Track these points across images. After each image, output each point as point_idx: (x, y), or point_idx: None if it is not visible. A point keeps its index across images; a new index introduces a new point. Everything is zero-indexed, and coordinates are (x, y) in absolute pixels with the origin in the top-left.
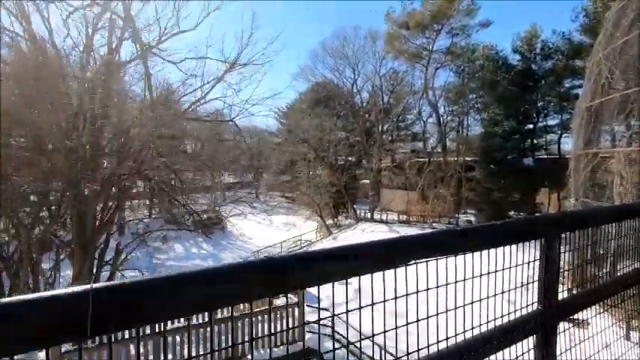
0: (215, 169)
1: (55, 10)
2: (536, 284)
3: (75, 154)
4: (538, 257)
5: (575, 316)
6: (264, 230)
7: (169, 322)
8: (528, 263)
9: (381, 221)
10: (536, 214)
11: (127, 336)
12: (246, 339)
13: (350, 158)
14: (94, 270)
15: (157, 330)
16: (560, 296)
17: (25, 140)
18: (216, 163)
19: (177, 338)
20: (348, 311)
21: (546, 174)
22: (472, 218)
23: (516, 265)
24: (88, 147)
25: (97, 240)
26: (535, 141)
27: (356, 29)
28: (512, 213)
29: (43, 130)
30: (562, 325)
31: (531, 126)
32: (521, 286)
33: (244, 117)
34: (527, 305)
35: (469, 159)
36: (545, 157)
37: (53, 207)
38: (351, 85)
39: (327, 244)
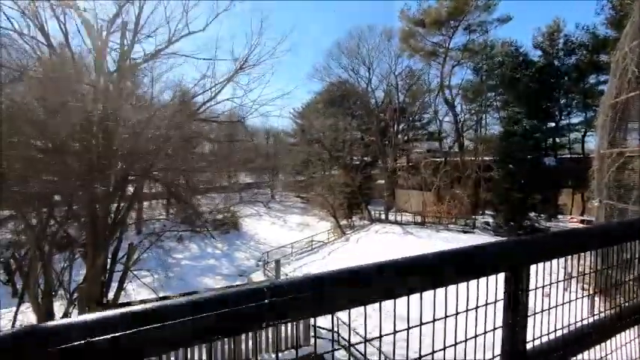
0: (230, 170)
1: (70, 13)
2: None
3: (88, 155)
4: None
5: None
6: (278, 230)
7: None
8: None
9: (396, 222)
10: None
11: None
12: (250, 343)
13: (365, 158)
14: (108, 268)
15: None
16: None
17: (40, 142)
18: (232, 163)
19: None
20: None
21: (569, 174)
22: (490, 220)
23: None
24: (100, 149)
25: (110, 239)
26: (557, 140)
27: (371, 28)
28: (532, 214)
29: (58, 132)
30: None
31: (553, 124)
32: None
33: (254, 117)
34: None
35: (487, 159)
36: (569, 156)
37: (66, 207)
38: (366, 85)
39: (339, 245)
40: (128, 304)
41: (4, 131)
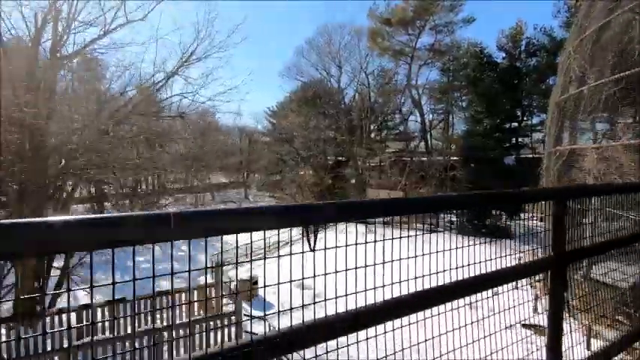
0: (202, 170)
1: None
2: None
3: (16, 155)
4: None
5: None
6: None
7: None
8: None
9: (362, 221)
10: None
11: None
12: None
13: (340, 158)
14: (45, 272)
15: None
16: None
17: None
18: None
19: None
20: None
21: (528, 173)
22: (454, 218)
23: None
24: (28, 147)
25: None
26: (520, 140)
27: (341, 27)
28: (494, 213)
29: None
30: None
31: (516, 124)
32: None
33: (223, 114)
34: None
35: (454, 158)
36: (531, 156)
37: None
38: (337, 84)
39: (298, 245)
40: (60, 311)
41: None
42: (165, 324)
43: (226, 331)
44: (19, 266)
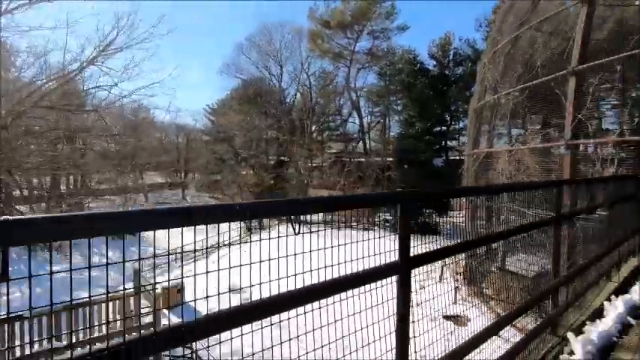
0: (135, 169)
1: None
2: None
3: None
4: None
5: None
6: (185, 233)
7: None
8: None
9: (301, 221)
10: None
11: None
12: None
13: (282, 158)
14: None
15: None
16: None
17: None
18: (135, 161)
19: None
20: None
21: (454, 175)
22: (389, 217)
23: None
24: None
25: None
26: (449, 142)
27: (282, 25)
28: (426, 211)
29: None
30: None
31: (445, 128)
32: None
33: (113, 105)
34: None
35: (390, 159)
36: (458, 158)
37: None
38: (279, 83)
39: (234, 248)
40: None
41: None
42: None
43: None
44: None
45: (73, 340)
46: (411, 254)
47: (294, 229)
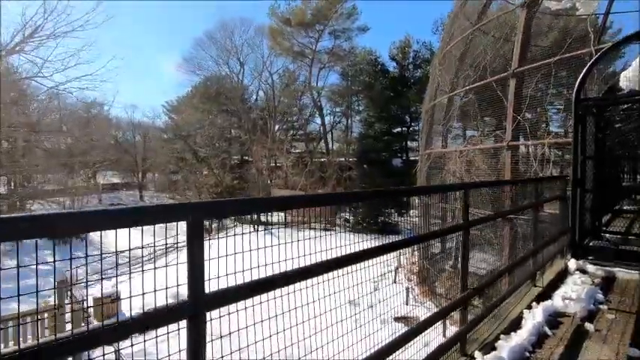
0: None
1: None
2: None
3: None
4: None
5: None
6: (137, 235)
7: None
8: None
9: (262, 222)
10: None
11: None
12: None
13: (245, 157)
14: None
15: None
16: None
17: None
18: (87, 160)
19: None
20: None
21: (412, 175)
22: (349, 217)
23: None
24: None
25: None
26: (409, 143)
27: (243, 22)
28: (385, 211)
29: None
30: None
31: (405, 129)
32: None
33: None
34: None
35: (351, 159)
36: (416, 158)
37: None
38: (240, 81)
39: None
40: None
41: None
42: None
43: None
44: None
45: None
46: None
47: (257, 230)
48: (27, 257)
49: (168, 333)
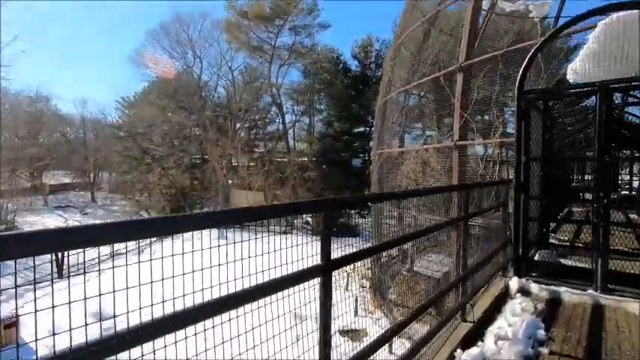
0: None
1: None
2: None
3: None
4: None
5: None
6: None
7: None
8: None
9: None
10: None
11: None
12: None
13: (205, 156)
14: None
15: None
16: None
17: None
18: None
19: None
20: None
21: (367, 175)
22: (309, 219)
23: None
24: None
25: None
26: (371, 143)
27: (202, 16)
28: (344, 212)
29: None
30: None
31: (367, 129)
32: None
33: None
34: None
35: (311, 159)
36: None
37: None
38: (198, 76)
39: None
40: None
41: None
42: None
43: None
44: None
45: None
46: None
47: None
48: None
49: None
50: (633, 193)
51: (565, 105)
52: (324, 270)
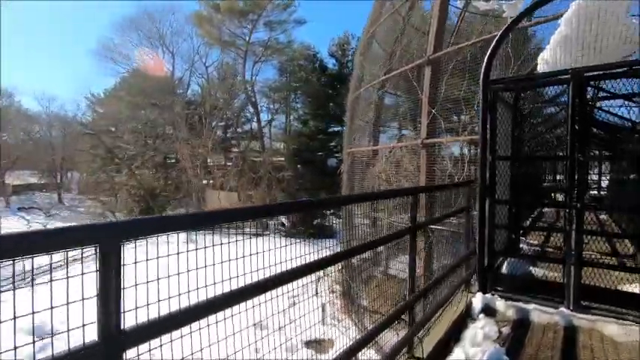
0: None
1: None
2: None
3: None
4: None
5: None
6: None
7: None
8: None
9: None
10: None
11: None
12: None
13: (178, 155)
14: None
15: None
16: None
17: None
18: None
19: None
20: None
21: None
22: (284, 220)
23: None
24: None
25: None
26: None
27: (174, 11)
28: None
29: None
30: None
31: (340, 128)
32: None
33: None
34: None
35: (285, 159)
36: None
37: None
38: (171, 73)
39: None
40: None
41: None
42: None
43: None
44: None
45: None
46: None
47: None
48: None
49: None
50: (602, 193)
51: (535, 99)
52: None
